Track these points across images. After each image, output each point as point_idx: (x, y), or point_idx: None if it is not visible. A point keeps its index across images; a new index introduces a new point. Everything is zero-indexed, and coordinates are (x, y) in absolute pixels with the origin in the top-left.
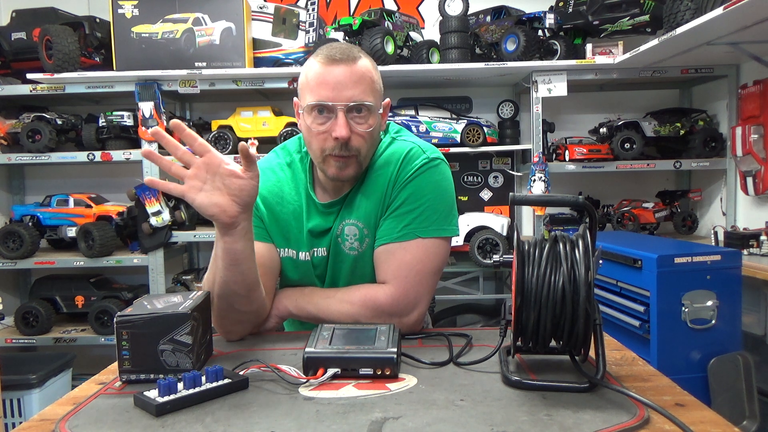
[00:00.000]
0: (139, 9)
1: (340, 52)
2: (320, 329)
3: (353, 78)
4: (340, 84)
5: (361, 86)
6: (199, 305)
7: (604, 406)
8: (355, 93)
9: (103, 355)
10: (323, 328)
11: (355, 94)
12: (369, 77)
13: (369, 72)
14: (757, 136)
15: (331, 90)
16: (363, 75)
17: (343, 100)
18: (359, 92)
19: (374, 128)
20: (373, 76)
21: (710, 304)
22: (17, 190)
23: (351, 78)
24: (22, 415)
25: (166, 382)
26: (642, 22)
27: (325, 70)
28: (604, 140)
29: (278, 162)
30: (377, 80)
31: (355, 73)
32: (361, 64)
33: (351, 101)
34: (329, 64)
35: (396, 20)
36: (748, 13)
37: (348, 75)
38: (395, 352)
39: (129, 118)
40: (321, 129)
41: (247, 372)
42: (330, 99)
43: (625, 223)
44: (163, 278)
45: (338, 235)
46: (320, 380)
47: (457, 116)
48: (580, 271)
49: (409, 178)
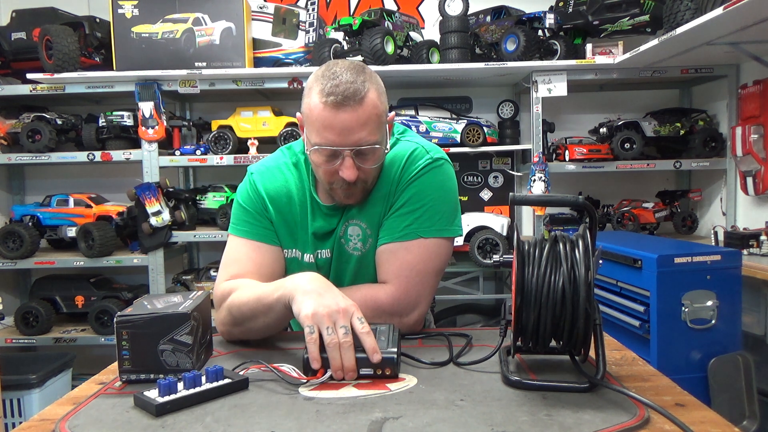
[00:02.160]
0: (139, 9)
1: (346, 95)
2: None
3: (359, 122)
4: (346, 129)
5: (368, 128)
6: (199, 305)
7: (604, 406)
8: (362, 136)
9: (103, 355)
10: None
11: (362, 137)
12: (375, 114)
13: (375, 108)
14: (757, 136)
15: (338, 135)
16: (369, 116)
17: (350, 145)
18: (366, 134)
19: (381, 158)
20: (379, 110)
21: (710, 304)
22: (17, 190)
23: (357, 122)
24: (22, 415)
25: (166, 382)
26: (642, 22)
27: (331, 114)
28: (604, 140)
29: (285, 161)
30: (383, 110)
31: (362, 116)
32: (366, 103)
33: (358, 145)
34: (335, 108)
35: (396, 20)
36: (748, 13)
37: (354, 119)
38: (395, 352)
39: (129, 118)
40: (327, 168)
41: (247, 372)
42: (336, 144)
43: (625, 223)
44: (163, 278)
45: (341, 236)
46: (320, 381)
47: (457, 116)
48: (580, 271)
49: (412, 178)
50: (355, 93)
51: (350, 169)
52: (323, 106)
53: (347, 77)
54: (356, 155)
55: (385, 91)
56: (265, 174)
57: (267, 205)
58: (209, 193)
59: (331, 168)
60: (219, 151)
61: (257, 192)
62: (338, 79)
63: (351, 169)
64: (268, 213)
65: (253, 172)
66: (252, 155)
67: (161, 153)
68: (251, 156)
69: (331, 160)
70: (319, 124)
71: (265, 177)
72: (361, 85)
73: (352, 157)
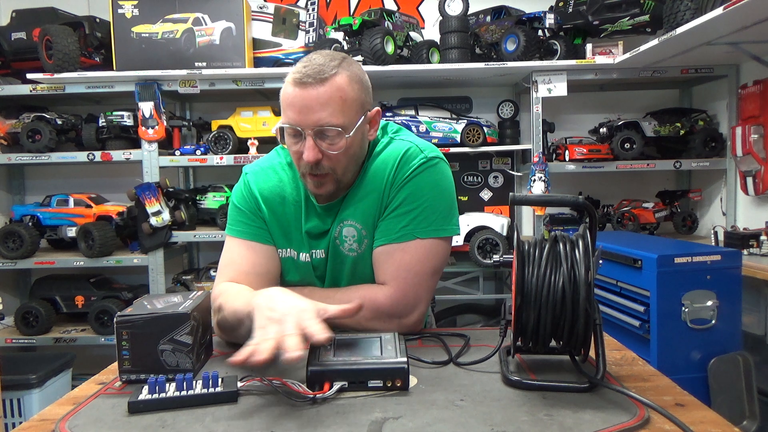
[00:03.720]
0: (139, 9)
1: (312, 72)
2: None
3: (320, 101)
4: (306, 107)
5: (329, 108)
6: (199, 305)
7: (604, 406)
8: (323, 116)
9: (103, 355)
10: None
11: (322, 117)
12: (339, 97)
13: (340, 91)
14: (757, 136)
15: (298, 113)
16: (331, 97)
17: (310, 124)
18: (326, 115)
19: (348, 147)
20: (345, 94)
21: (710, 304)
22: (17, 190)
23: (318, 101)
24: (22, 415)
25: (154, 380)
26: (642, 22)
27: (294, 91)
28: (604, 140)
29: (279, 161)
30: (354, 97)
31: (323, 95)
32: (331, 84)
33: (317, 125)
34: (298, 85)
35: (396, 20)
36: (748, 13)
37: (314, 98)
38: (406, 362)
39: (129, 118)
40: (294, 149)
41: (251, 383)
42: (297, 122)
43: (625, 223)
44: (163, 278)
45: (336, 237)
46: (327, 395)
47: (457, 116)
48: (580, 271)
49: (406, 179)
50: (319, 72)
51: (310, 150)
52: (290, 85)
53: (319, 60)
54: (317, 136)
55: (365, 83)
56: (259, 174)
57: (260, 204)
58: (209, 193)
59: (297, 150)
60: (219, 151)
61: (251, 192)
62: (310, 63)
63: (311, 150)
64: (262, 213)
65: (247, 172)
66: (252, 155)
67: (161, 153)
68: (251, 156)
69: (296, 142)
70: (284, 104)
71: (259, 177)
72: (329, 67)
73: (312, 137)
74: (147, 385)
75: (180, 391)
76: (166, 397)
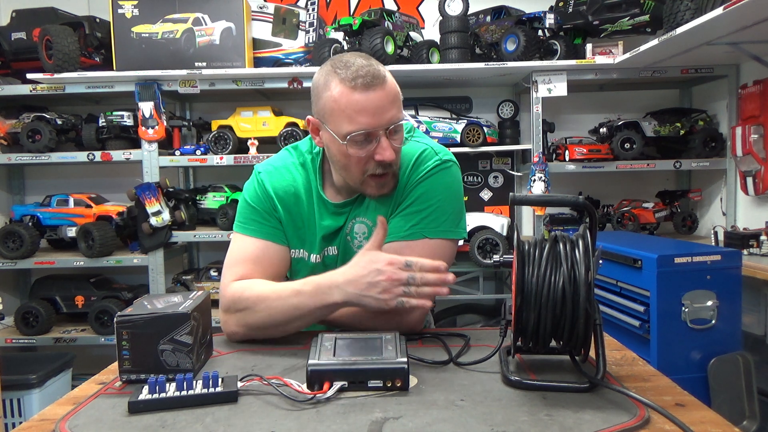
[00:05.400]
0: (139, 9)
1: (371, 76)
2: (321, 339)
3: (389, 99)
4: (380, 108)
5: (396, 104)
6: (199, 305)
7: (605, 406)
8: (393, 113)
9: (103, 355)
10: (324, 338)
11: (393, 114)
12: (397, 92)
13: (396, 86)
14: (757, 136)
15: (372, 117)
16: (396, 93)
17: (384, 124)
18: (396, 111)
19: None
20: (398, 89)
21: (710, 304)
22: (17, 190)
23: (387, 99)
24: (22, 415)
25: (154, 380)
26: (642, 22)
27: (362, 96)
28: (604, 140)
29: (292, 161)
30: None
31: (390, 94)
32: (389, 82)
33: (391, 123)
34: (365, 90)
35: (396, 20)
36: (748, 13)
37: (385, 97)
38: (406, 362)
39: (129, 118)
40: (362, 155)
41: (251, 383)
42: (372, 126)
43: (625, 223)
44: (163, 278)
45: (348, 233)
46: (326, 395)
47: (457, 116)
48: (580, 271)
49: (420, 179)
50: (375, 73)
51: (388, 149)
52: (352, 91)
53: (361, 62)
54: (389, 134)
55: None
56: (273, 173)
57: (276, 204)
58: (209, 193)
59: (366, 155)
60: (219, 151)
61: (265, 191)
62: (355, 65)
63: (389, 149)
64: (277, 212)
65: (260, 171)
66: (252, 155)
67: (161, 153)
68: (251, 156)
69: (365, 146)
70: (351, 110)
71: (273, 176)
72: (377, 66)
73: (387, 136)
74: (147, 385)
75: (180, 391)
76: (166, 397)
